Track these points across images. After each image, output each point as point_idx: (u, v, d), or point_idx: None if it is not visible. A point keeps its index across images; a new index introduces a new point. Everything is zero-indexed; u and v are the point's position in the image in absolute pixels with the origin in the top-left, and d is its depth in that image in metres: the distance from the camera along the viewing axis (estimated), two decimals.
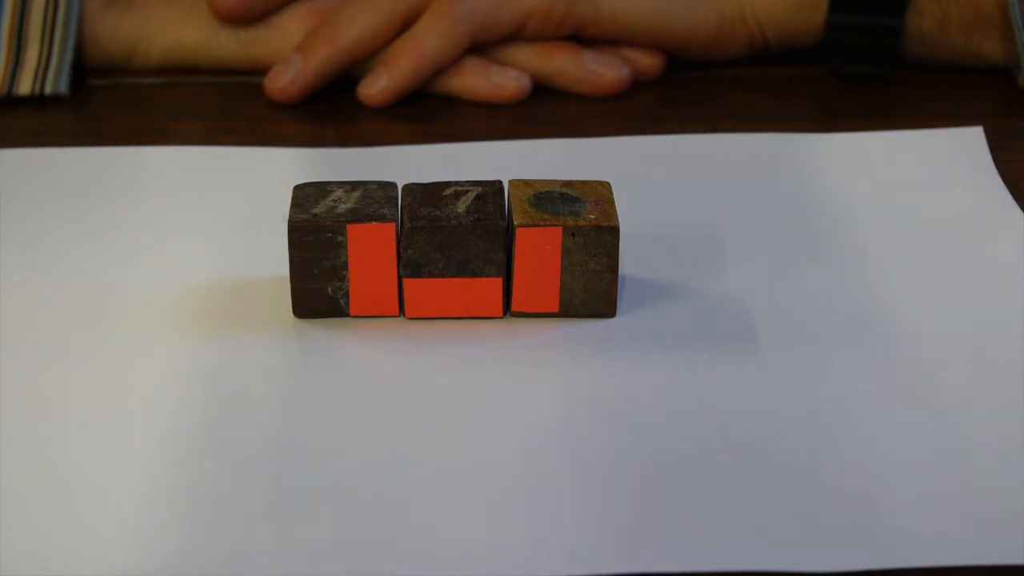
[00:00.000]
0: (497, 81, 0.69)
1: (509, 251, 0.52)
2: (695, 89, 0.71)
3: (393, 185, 0.54)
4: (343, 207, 0.52)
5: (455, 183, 0.54)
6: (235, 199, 0.61)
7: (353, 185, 0.54)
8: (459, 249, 0.52)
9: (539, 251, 0.52)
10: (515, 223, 0.52)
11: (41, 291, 0.55)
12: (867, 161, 0.64)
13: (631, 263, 0.56)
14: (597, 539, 0.44)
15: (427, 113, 0.69)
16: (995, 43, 0.70)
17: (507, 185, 0.54)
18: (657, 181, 0.63)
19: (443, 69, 0.69)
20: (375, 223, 0.52)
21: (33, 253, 0.57)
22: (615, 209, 0.53)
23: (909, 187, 0.62)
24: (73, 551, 0.44)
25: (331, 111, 0.69)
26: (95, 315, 0.54)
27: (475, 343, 0.52)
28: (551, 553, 0.43)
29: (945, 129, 0.66)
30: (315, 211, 0.52)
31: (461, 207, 0.52)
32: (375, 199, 0.53)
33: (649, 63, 0.71)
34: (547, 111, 0.69)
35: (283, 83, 0.69)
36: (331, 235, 0.52)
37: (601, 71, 0.70)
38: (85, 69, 0.71)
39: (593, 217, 0.52)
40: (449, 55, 0.69)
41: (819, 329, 0.53)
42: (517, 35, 0.69)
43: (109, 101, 0.70)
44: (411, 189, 0.53)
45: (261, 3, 0.70)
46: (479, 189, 0.53)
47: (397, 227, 0.52)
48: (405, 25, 0.69)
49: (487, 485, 0.46)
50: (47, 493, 0.46)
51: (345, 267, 0.52)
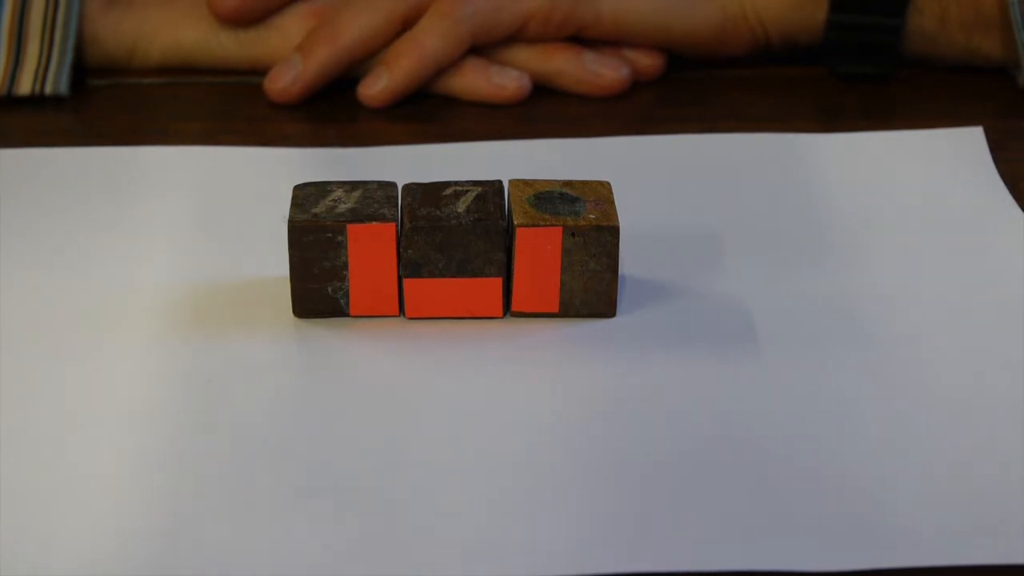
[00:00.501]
0: (497, 81, 0.69)
1: (509, 251, 0.52)
2: (695, 89, 0.71)
3: (393, 185, 0.54)
4: (343, 207, 0.52)
5: (455, 183, 0.54)
6: (235, 199, 0.61)
7: (353, 185, 0.54)
8: (459, 249, 0.52)
9: (539, 251, 0.52)
10: (515, 223, 0.52)
11: (41, 291, 0.55)
12: (867, 161, 0.64)
13: (631, 263, 0.56)
14: (597, 539, 0.44)
15: (427, 113, 0.69)
16: (995, 42, 0.70)
17: (507, 185, 0.54)
18: (657, 181, 0.63)
19: (444, 70, 0.69)
20: (375, 223, 0.52)
21: (33, 253, 0.57)
22: (615, 209, 0.53)
23: (909, 187, 0.62)
24: (74, 550, 0.44)
25: (331, 111, 0.69)
26: (95, 315, 0.54)
27: (475, 343, 0.52)
28: (551, 553, 0.43)
29: (945, 129, 0.66)
30: (315, 211, 0.52)
31: (461, 207, 0.52)
32: (375, 199, 0.53)
33: (649, 63, 0.71)
34: (547, 111, 0.69)
35: (283, 83, 0.69)
36: (331, 235, 0.52)
37: (601, 71, 0.70)
38: (85, 69, 0.71)
39: (593, 217, 0.52)
40: (450, 56, 0.69)
41: (819, 329, 0.53)
42: (517, 36, 0.69)
43: (109, 101, 0.70)
44: (411, 189, 0.53)
45: (261, 4, 0.70)
46: (479, 189, 0.53)
47: (397, 227, 0.52)
48: (405, 25, 0.69)
49: (487, 485, 0.46)
50: (47, 493, 0.46)
51: (345, 267, 0.52)
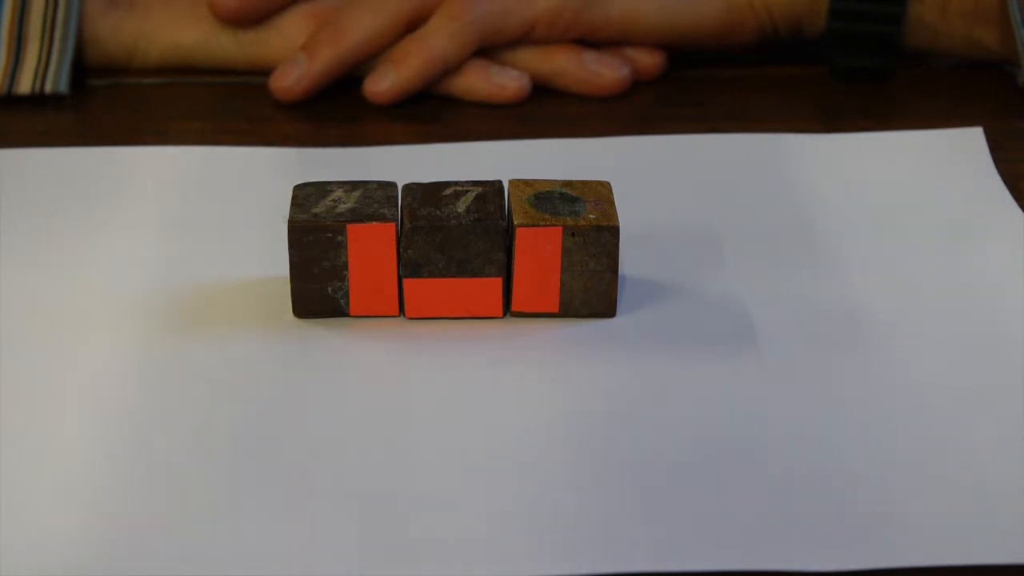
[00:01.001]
0: (497, 81, 0.69)
1: (509, 251, 0.52)
2: (695, 89, 0.71)
3: (393, 185, 0.54)
4: (343, 207, 0.52)
5: (455, 183, 0.54)
6: (235, 199, 0.61)
7: (353, 185, 0.54)
8: (459, 249, 0.52)
9: (539, 251, 0.52)
10: (515, 223, 0.52)
11: (41, 291, 0.55)
12: (867, 161, 0.64)
13: (631, 263, 0.56)
14: (597, 539, 0.44)
15: (427, 113, 0.69)
16: (995, 35, 0.70)
17: (507, 185, 0.54)
18: (657, 181, 0.63)
19: (450, 71, 0.69)
20: (375, 223, 0.52)
21: (33, 253, 0.57)
22: (615, 209, 0.53)
23: (909, 187, 0.62)
24: (71, 550, 0.44)
25: (332, 111, 0.69)
26: (94, 314, 0.54)
27: (475, 343, 0.52)
28: (551, 553, 0.43)
29: (945, 129, 0.66)
30: (315, 211, 0.52)
31: (461, 207, 0.52)
32: (375, 199, 0.53)
33: (650, 62, 0.71)
34: (547, 111, 0.69)
35: (288, 83, 0.69)
36: (331, 235, 0.52)
37: (601, 71, 0.70)
38: (85, 69, 0.71)
39: (593, 217, 0.52)
40: (457, 58, 0.69)
41: (819, 329, 0.53)
42: (524, 39, 0.70)
43: (109, 101, 0.70)
44: (411, 189, 0.53)
45: (262, 4, 0.70)
46: (479, 189, 0.53)
47: (397, 227, 0.52)
48: (409, 26, 0.69)
49: (487, 485, 0.46)
50: (46, 492, 0.46)
51: (345, 267, 0.52)
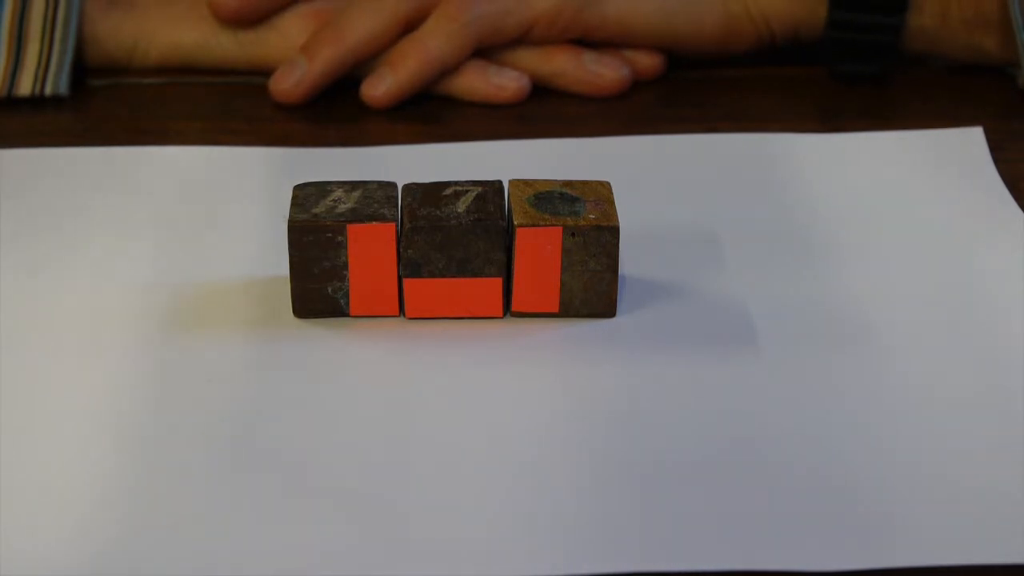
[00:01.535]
0: (496, 82, 0.69)
1: (509, 251, 0.52)
2: (695, 89, 0.71)
3: (393, 185, 0.54)
4: (343, 207, 0.52)
5: (455, 183, 0.54)
6: (235, 199, 0.61)
7: (353, 185, 0.54)
8: (459, 249, 0.52)
9: (539, 251, 0.52)
10: (515, 223, 0.52)
11: (40, 291, 0.55)
12: (867, 161, 0.64)
13: (631, 263, 0.56)
14: (597, 539, 0.44)
15: (427, 113, 0.69)
16: (996, 40, 0.70)
17: (507, 185, 0.54)
18: (657, 181, 0.63)
19: (447, 72, 0.69)
20: (375, 223, 0.52)
21: (33, 253, 0.57)
22: (615, 209, 0.53)
23: (909, 187, 0.62)
24: (70, 549, 0.44)
25: (332, 111, 0.69)
26: (94, 314, 0.54)
27: (475, 343, 0.52)
28: (551, 553, 0.43)
29: (945, 129, 0.66)
30: (315, 211, 0.52)
31: (461, 207, 0.52)
32: (375, 199, 0.53)
33: (649, 63, 0.71)
34: (547, 111, 0.69)
35: (288, 84, 0.69)
36: (331, 235, 0.52)
37: (601, 71, 0.70)
38: (85, 69, 0.71)
39: (593, 217, 0.52)
40: (455, 59, 0.68)
41: (819, 329, 0.53)
42: (522, 40, 0.69)
43: (109, 101, 0.70)
44: (411, 189, 0.53)
45: (262, 4, 0.70)
46: (479, 189, 0.53)
47: (397, 227, 0.52)
48: (409, 27, 0.69)
49: (487, 485, 0.46)
50: (46, 492, 0.46)
51: (345, 267, 0.52)
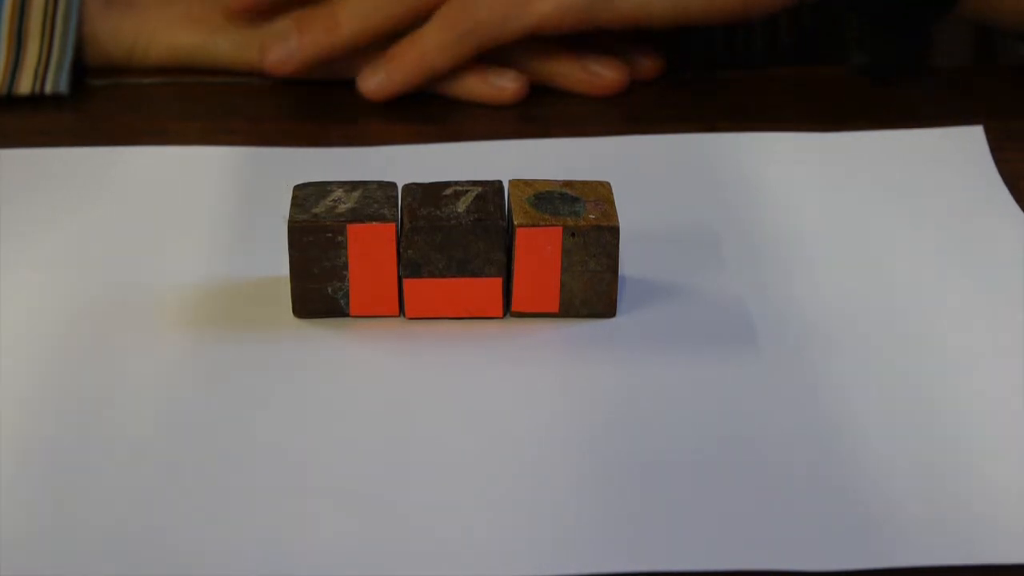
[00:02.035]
0: (496, 83, 0.69)
1: (509, 251, 0.52)
2: (695, 89, 0.71)
3: (393, 185, 0.54)
4: (343, 207, 0.52)
5: (455, 183, 0.54)
6: (235, 199, 0.61)
7: (353, 185, 0.54)
8: (459, 249, 0.52)
9: (539, 251, 0.52)
10: (515, 223, 0.52)
11: (41, 291, 0.55)
12: (867, 161, 0.64)
13: (631, 263, 0.56)
14: (597, 539, 0.44)
15: (427, 113, 0.69)
16: None
17: (507, 185, 0.54)
18: (657, 181, 0.63)
19: (444, 76, 0.69)
20: (375, 223, 0.52)
21: (33, 253, 0.57)
22: (615, 209, 0.53)
23: (909, 187, 0.62)
24: (69, 548, 0.44)
25: (331, 111, 0.69)
26: (94, 315, 0.54)
27: (475, 343, 0.52)
28: (551, 553, 0.43)
29: (945, 129, 0.66)
30: (315, 211, 0.52)
31: (461, 207, 0.52)
32: (375, 199, 0.53)
33: (649, 64, 0.71)
34: (547, 111, 0.69)
35: (275, 58, 0.69)
36: (331, 235, 0.52)
37: (601, 71, 0.70)
38: (85, 69, 0.71)
39: (593, 217, 0.52)
40: (452, 64, 0.68)
41: (818, 329, 0.53)
42: (530, 39, 0.69)
43: (109, 101, 0.70)
44: (411, 189, 0.53)
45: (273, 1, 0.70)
46: (479, 189, 0.53)
47: (397, 227, 0.52)
48: (406, 24, 0.69)
49: (487, 485, 0.46)
50: (45, 492, 0.46)
51: (345, 267, 0.52)
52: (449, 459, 0.47)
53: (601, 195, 0.53)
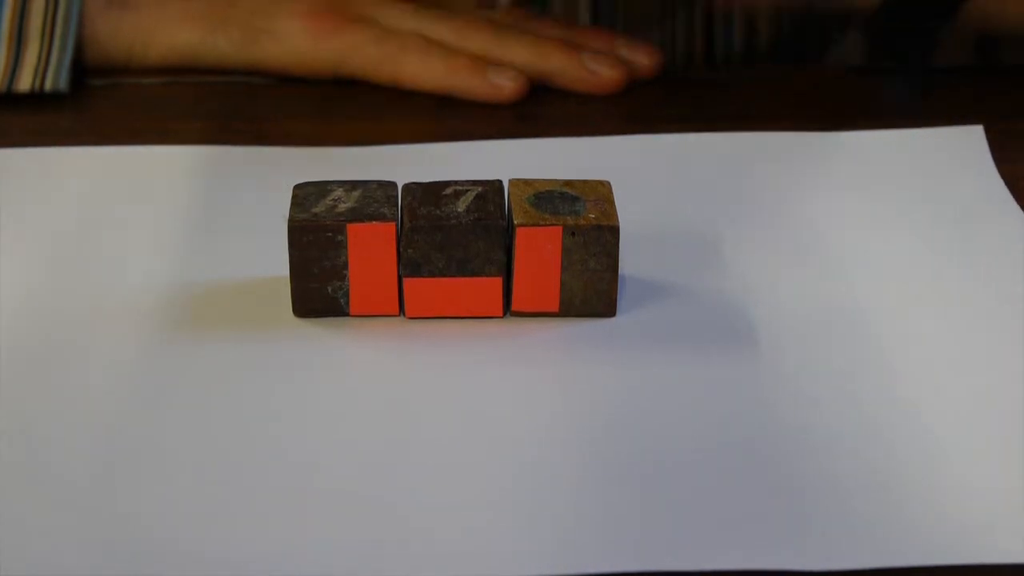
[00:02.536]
0: (494, 81, 0.69)
1: (509, 251, 0.52)
2: (695, 89, 0.71)
3: (393, 185, 0.54)
4: (343, 207, 0.52)
5: (455, 183, 0.54)
6: (235, 199, 0.61)
7: (353, 185, 0.54)
8: (459, 249, 0.52)
9: (539, 251, 0.52)
10: (515, 223, 0.52)
11: (40, 291, 0.55)
12: (867, 161, 0.64)
13: (631, 263, 0.56)
14: (597, 539, 0.44)
15: (427, 113, 0.69)
16: None
17: (507, 185, 0.54)
18: (657, 181, 0.63)
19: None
20: (375, 223, 0.52)
21: (33, 253, 0.57)
22: (615, 209, 0.53)
23: (909, 187, 0.62)
24: (70, 547, 0.44)
25: (332, 111, 0.69)
26: (94, 314, 0.54)
27: (475, 343, 0.52)
28: (551, 553, 0.43)
29: (945, 129, 0.66)
30: (315, 211, 0.52)
31: (461, 207, 0.52)
32: (375, 199, 0.53)
33: (647, 63, 0.71)
34: (547, 111, 0.69)
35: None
36: (331, 235, 0.52)
37: (599, 69, 0.70)
38: (85, 69, 0.71)
39: (593, 217, 0.52)
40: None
41: (819, 329, 0.53)
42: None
43: (109, 101, 0.70)
44: (411, 189, 0.53)
45: None
46: (479, 189, 0.53)
47: (397, 227, 0.52)
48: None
49: (487, 485, 0.46)
50: (45, 492, 0.46)
51: (345, 267, 0.52)
52: (449, 459, 0.47)
53: (601, 195, 0.53)
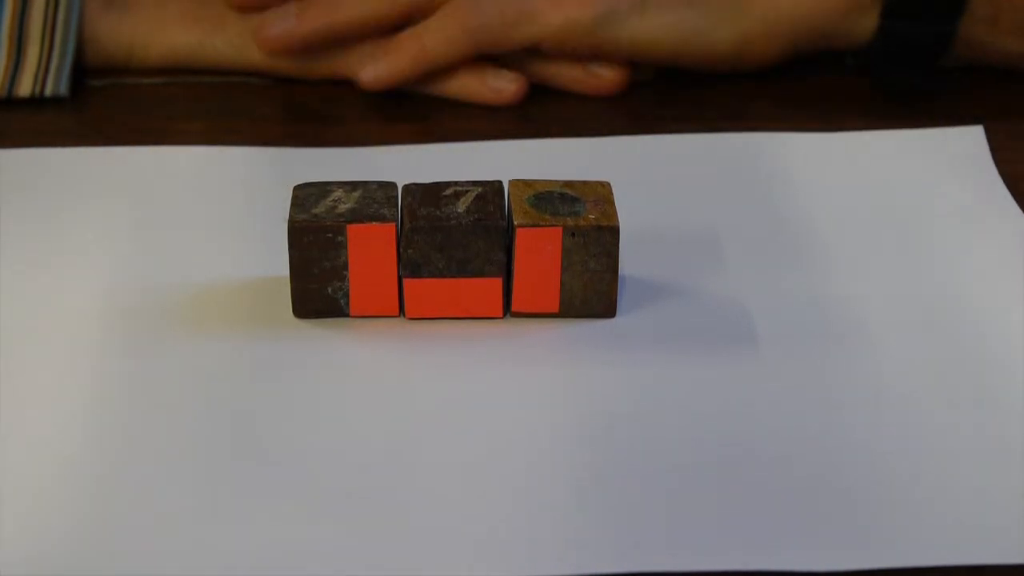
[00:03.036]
0: (494, 84, 0.69)
1: (509, 251, 0.52)
2: (695, 89, 0.71)
3: (393, 185, 0.54)
4: (343, 207, 0.52)
5: (455, 183, 0.54)
6: (235, 199, 0.61)
7: (353, 185, 0.54)
8: (459, 249, 0.52)
9: (539, 251, 0.52)
10: (515, 223, 0.52)
11: (40, 291, 0.55)
12: (867, 161, 0.64)
13: (631, 263, 0.56)
14: (597, 539, 0.44)
15: (427, 113, 0.69)
16: None
17: (507, 185, 0.54)
18: (657, 181, 0.63)
19: (441, 72, 0.69)
20: (375, 223, 0.52)
21: (32, 253, 0.57)
22: (615, 209, 0.53)
23: (909, 187, 0.62)
24: (70, 547, 0.44)
25: (331, 111, 0.69)
26: (94, 315, 0.54)
27: (475, 343, 0.52)
28: (551, 553, 0.43)
29: (945, 129, 0.66)
30: (315, 211, 0.52)
31: (461, 207, 0.52)
32: (375, 199, 0.53)
33: (648, 65, 0.71)
34: (547, 111, 0.69)
35: (271, 34, 0.68)
36: (331, 235, 0.52)
37: (600, 71, 0.70)
38: (84, 69, 0.71)
39: (593, 217, 0.52)
40: (450, 61, 0.68)
41: (818, 329, 0.53)
42: (529, 52, 0.69)
43: (109, 101, 0.70)
44: (411, 189, 0.53)
45: None
46: (479, 189, 0.53)
47: (397, 227, 0.52)
48: (409, 17, 0.68)
49: (487, 485, 0.46)
50: (44, 492, 0.46)
51: (345, 267, 0.52)
52: (449, 459, 0.47)
53: (601, 195, 0.53)
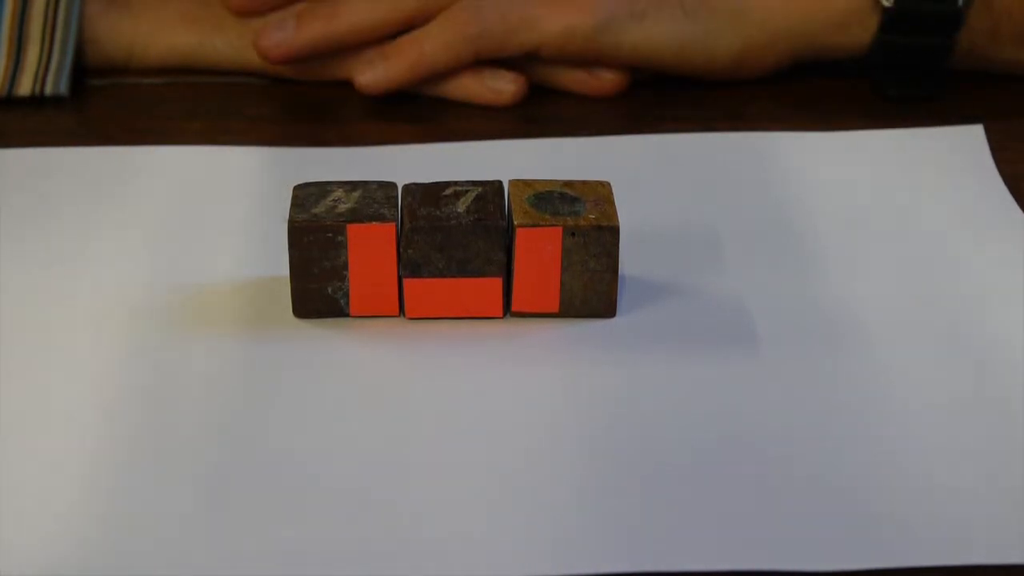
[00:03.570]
0: (493, 86, 0.69)
1: (509, 251, 0.52)
2: (695, 89, 0.71)
3: (393, 185, 0.54)
4: (343, 207, 0.52)
5: (455, 183, 0.54)
6: (235, 199, 0.61)
7: (353, 185, 0.54)
8: (459, 249, 0.52)
9: (539, 251, 0.52)
10: (515, 223, 0.52)
11: (40, 291, 0.55)
12: (867, 161, 0.64)
13: (631, 263, 0.56)
14: (597, 539, 0.44)
15: (427, 113, 0.69)
16: None
17: (507, 185, 0.54)
18: (657, 181, 0.63)
19: (440, 77, 0.69)
20: (375, 223, 0.52)
21: (33, 253, 0.57)
22: (615, 209, 0.53)
23: (909, 187, 0.62)
24: (70, 550, 0.44)
25: (331, 111, 0.69)
26: (94, 315, 0.54)
27: (475, 343, 0.52)
28: (551, 553, 0.43)
29: (945, 128, 0.66)
30: (315, 211, 0.52)
31: (461, 207, 0.52)
32: (375, 199, 0.53)
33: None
34: (547, 111, 0.69)
35: (269, 42, 0.68)
36: (331, 235, 0.52)
37: (600, 72, 0.70)
38: (84, 69, 0.71)
39: (593, 217, 0.52)
40: (449, 67, 0.68)
41: (818, 329, 0.53)
42: (530, 58, 0.69)
43: (109, 101, 0.70)
44: (411, 189, 0.53)
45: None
46: (479, 189, 0.53)
47: (397, 227, 0.52)
48: (407, 24, 0.68)
49: (487, 485, 0.46)
50: (44, 492, 0.46)
51: (345, 267, 0.52)
52: (449, 459, 0.47)
53: (601, 195, 0.53)
